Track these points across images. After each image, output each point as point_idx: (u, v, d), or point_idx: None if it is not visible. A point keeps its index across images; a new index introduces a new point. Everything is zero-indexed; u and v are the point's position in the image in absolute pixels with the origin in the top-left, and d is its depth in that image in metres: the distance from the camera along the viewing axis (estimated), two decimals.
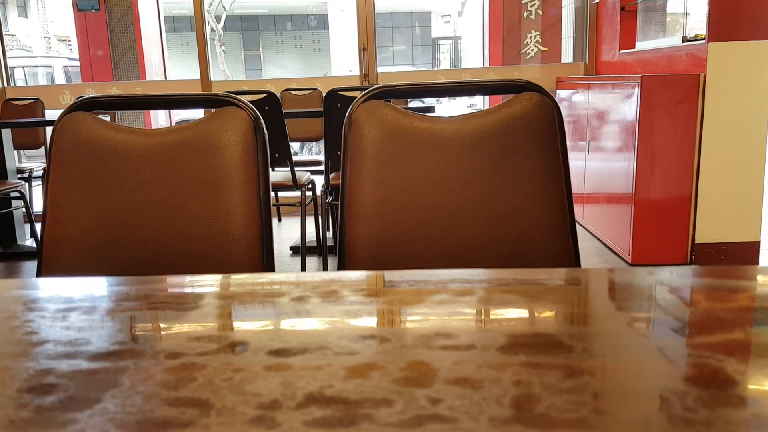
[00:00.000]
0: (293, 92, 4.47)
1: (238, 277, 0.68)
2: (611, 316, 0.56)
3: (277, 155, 3.27)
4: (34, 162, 5.17)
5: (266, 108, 3.14)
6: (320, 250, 3.66)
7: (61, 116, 0.97)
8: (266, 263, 0.92)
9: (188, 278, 0.70)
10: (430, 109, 3.64)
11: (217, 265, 0.94)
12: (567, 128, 4.58)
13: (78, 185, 0.95)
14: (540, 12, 7.16)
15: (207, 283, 0.66)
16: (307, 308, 0.56)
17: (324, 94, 3.22)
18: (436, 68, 18.83)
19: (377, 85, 1.01)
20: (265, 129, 0.97)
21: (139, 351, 0.49)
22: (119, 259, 0.94)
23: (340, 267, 0.97)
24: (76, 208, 0.95)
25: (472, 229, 0.97)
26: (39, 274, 0.94)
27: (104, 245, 0.94)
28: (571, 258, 0.95)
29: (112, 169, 0.95)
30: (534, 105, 0.97)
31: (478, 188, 0.98)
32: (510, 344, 0.48)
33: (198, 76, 4.73)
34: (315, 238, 3.74)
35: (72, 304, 0.61)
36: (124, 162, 0.96)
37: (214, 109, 0.99)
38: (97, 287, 0.66)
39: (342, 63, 14.59)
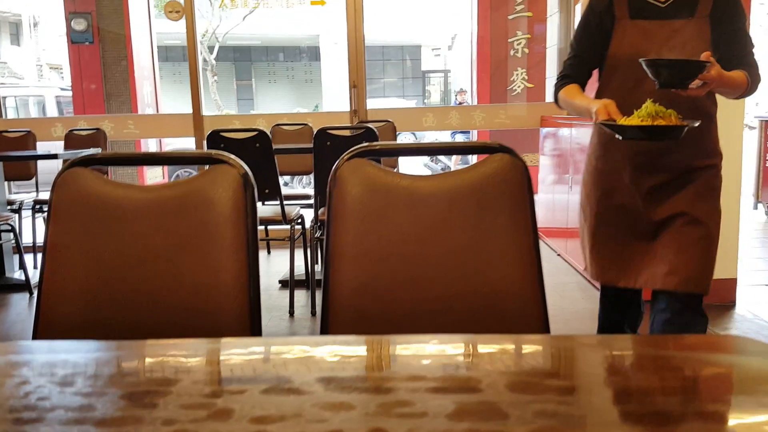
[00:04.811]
0: (284, 127, 4.55)
1: (226, 342, 0.74)
2: (548, 384, 0.62)
3: (267, 191, 3.33)
4: (24, 191, 5.20)
5: (257, 145, 3.21)
6: (308, 283, 3.71)
7: (61, 172, 1.03)
8: (253, 315, 0.98)
9: (180, 343, 0.75)
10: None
11: (208, 316, 0.99)
12: (551, 163, 4.67)
13: (77, 238, 1.00)
14: (526, 50, 7.35)
15: (198, 350, 0.72)
16: (286, 375, 0.62)
17: (314, 131, 3.31)
18: (426, 99, 19.13)
19: (361, 145, 1.08)
20: (254, 183, 1.04)
21: (137, 417, 0.54)
22: (115, 310, 0.99)
23: (324, 315, 1.03)
24: (74, 261, 1.00)
25: (448, 280, 1.04)
26: (36, 324, 0.99)
27: (101, 297, 0.99)
28: (539, 306, 1.01)
29: (109, 224, 1.01)
30: (505, 165, 1.05)
31: (454, 242, 1.04)
32: (457, 411, 0.54)
33: (190, 110, 4.81)
34: (304, 272, 3.78)
35: (69, 370, 0.66)
36: (121, 217, 1.02)
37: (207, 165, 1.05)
38: (93, 352, 0.71)
39: (333, 94, 14.78)
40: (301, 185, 9.59)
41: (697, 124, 1.54)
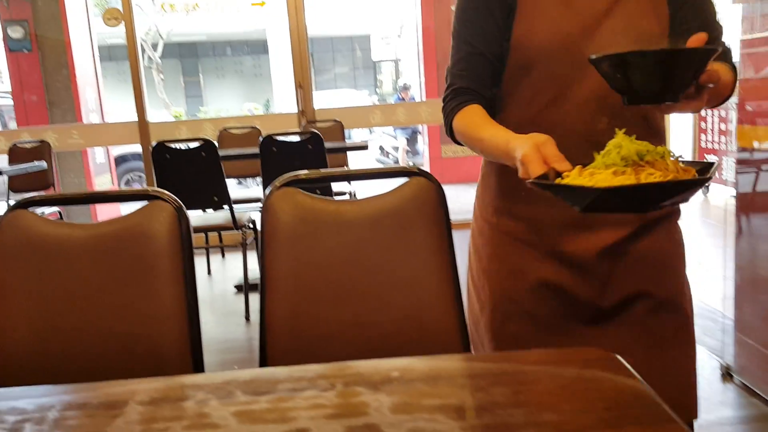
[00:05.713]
0: (232, 131, 4.57)
1: (156, 381, 0.83)
2: (426, 404, 0.73)
3: (216, 198, 3.37)
4: None
5: (203, 154, 3.24)
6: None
7: (3, 216, 1.08)
8: (193, 339, 1.06)
9: (118, 384, 0.83)
10: (365, 147, 3.82)
11: (150, 342, 1.06)
12: None
13: (22, 279, 1.06)
14: None
15: (132, 389, 0.81)
16: (205, 411, 0.73)
17: (262, 134, 3.35)
18: (378, 89, 19.21)
19: (289, 175, 1.16)
20: (188, 216, 1.11)
21: None
22: (63, 342, 1.06)
23: (262, 337, 1.11)
24: (21, 300, 1.06)
25: (374, 296, 1.13)
26: None
27: (46, 331, 1.05)
28: (456, 313, 1.12)
29: (52, 263, 1.07)
30: (422, 188, 1.15)
31: (378, 260, 1.14)
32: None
33: (135, 117, 4.78)
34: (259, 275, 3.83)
35: (18, 417, 0.73)
36: (64, 255, 1.08)
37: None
38: (40, 397, 0.78)
39: (284, 87, 14.71)
40: (255, 183, 9.57)
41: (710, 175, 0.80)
